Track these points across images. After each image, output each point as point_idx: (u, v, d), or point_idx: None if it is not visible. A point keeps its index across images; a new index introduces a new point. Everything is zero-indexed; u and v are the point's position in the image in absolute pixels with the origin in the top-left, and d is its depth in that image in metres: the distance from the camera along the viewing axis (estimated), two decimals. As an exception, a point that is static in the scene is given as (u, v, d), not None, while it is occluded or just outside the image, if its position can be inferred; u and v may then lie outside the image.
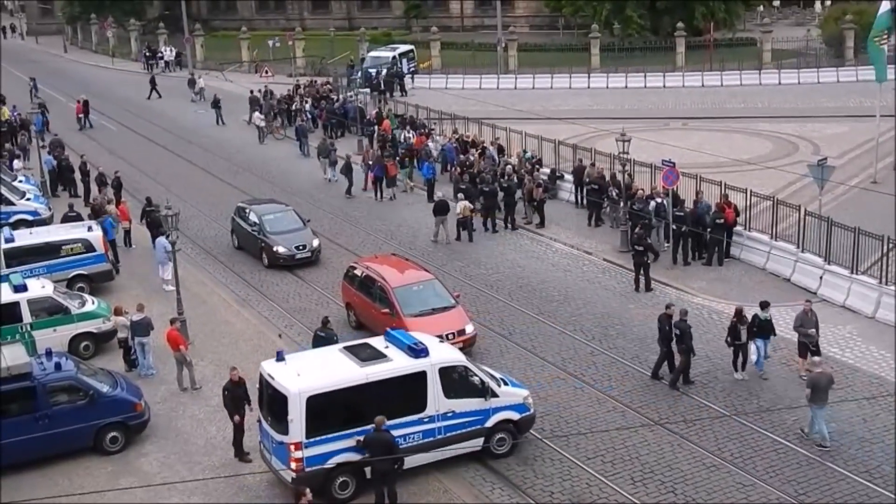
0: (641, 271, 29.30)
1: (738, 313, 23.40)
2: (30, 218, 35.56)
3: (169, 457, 21.13)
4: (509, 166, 37.77)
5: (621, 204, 33.14)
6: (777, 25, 73.75)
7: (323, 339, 23.57)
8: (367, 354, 19.91)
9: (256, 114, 52.38)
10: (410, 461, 19.34)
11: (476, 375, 20.23)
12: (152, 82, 64.93)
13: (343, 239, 34.16)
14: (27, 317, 25.05)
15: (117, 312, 25.69)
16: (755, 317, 23.32)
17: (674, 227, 30.94)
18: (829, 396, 20.67)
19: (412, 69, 66.35)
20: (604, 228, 34.84)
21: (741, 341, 23.34)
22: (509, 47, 68.32)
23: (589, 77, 63.87)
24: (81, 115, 54.98)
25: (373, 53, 66.44)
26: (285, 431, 18.70)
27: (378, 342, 20.59)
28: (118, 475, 20.47)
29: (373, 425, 18.58)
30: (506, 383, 21.01)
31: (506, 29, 70.77)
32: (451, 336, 24.80)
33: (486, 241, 34.41)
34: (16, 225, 33.43)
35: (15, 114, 52.13)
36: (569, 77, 63.38)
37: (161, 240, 29.51)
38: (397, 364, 19.59)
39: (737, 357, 23.54)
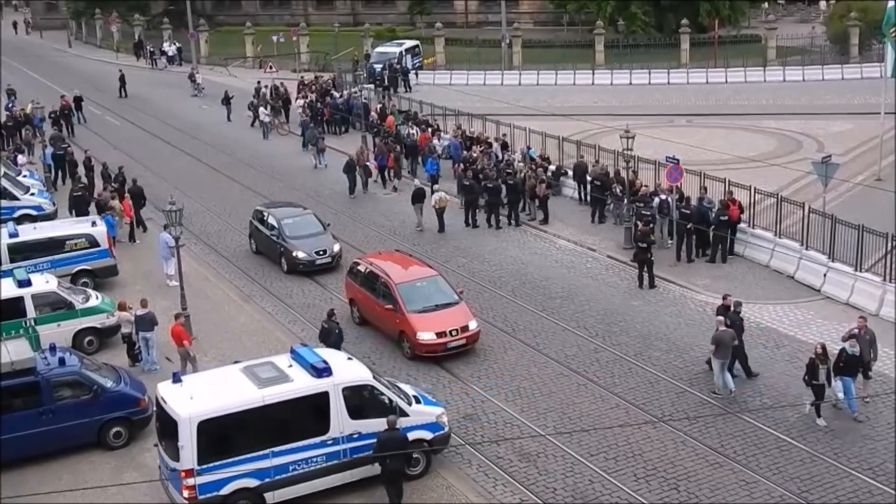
0: (645, 268, 29.29)
1: (823, 350, 21.16)
2: (34, 213, 35.60)
3: (172, 452, 21.14)
4: (514, 163, 37.82)
5: (625, 201, 33.12)
6: (782, 22, 73.50)
7: (326, 330, 23.69)
8: (267, 375, 19.05)
9: (262, 109, 52.36)
10: (314, 486, 18.82)
11: (384, 395, 19.50)
12: (122, 80, 63.76)
13: (346, 235, 34.13)
14: (31, 312, 25.08)
15: (121, 308, 25.73)
16: (842, 351, 21.31)
17: (678, 222, 30.89)
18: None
19: (417, 65, 66.33)
20: (607, 225, 34.82)
21: (819, 381, 21.09)
22: (513, 44, 68.22)
23: (593, 74, 63.77)
24: (68, 111, 53.25)
25: (379, 49, 66.39)
26: (177, 458, 18.01)
27: (282, 361, 19.76)
28: (122, 470, 20.52)
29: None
30: (419, 401, 20.32)
31: (510, 25, 70.67)
32: (454, 332, 24.82)
33: (490, 237, 34.42)
34: (20, 220, 33.45)
35: (13, 108, 52.20)
36: (573, 74, 63.28)
37: (163, 235, 29.54)
38: (297, 385, 18.82)
39: (818, 399, 21.18)
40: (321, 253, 31.43)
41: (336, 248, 31.86)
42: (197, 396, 18.45)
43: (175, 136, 52.17)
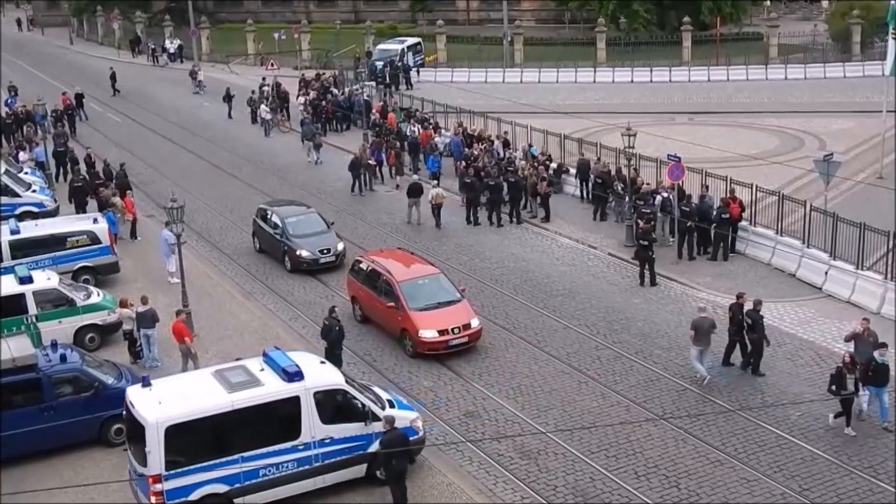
0: (646, 266, 29.29)
1: (851, 360, 20.86)
2: (35, 210, 35.61)
3: (173, 449, 21.15)
4: (515, 161, 37.82)
5: (626, 198, 33.11)
6: (784, 20, 73.43)
7: (327, 326, 23.70)
8: (238, 379, 18.81)
9: (263, 106, 52.36)
10: (284, 492, 18.61)
11: (356, 399, 19.24)
12: (112, 77, 63.45)
13: (347, 232, 34.10)
14: (32, 308, 25.10)
15: (122, 304, 25.73)
16: (870, 360, 20.86)
17: (679, 221, 30.87)
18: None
19: (419, 62, 66.31)
20: (609, 223, 34.80)
21: (847, 391, 20.59)
22: (515, 41, 68.20)
23: (595, 71, 63.71)
24: (70, 109, 53.04)
25: (381, 46, 66.38)
26: (144, 462, 17.81)
27: (254, 364, 19.49)
28: (123, 467, 20.41)
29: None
30: (393, 405, 20.03)
31: (512, 23, 70.63)
32: (456, 330, 24.79)
33: (491, 235, 34.42)
34: (21, 217, 33.47)
35: (14, 104, 52.21)
36: (574, 71, 63.25)
37: (164, 232, 29.55)
38: (268, 389, 18.56)
39: (848, 412, 20.77)
40: (325, 252, 31.31)
41: (340, 246, 31.74)
42: (165, 401, 18.25)
43: (177, 133, 52.18)
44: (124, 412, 18.85)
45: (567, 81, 62.34)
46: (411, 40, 68.28)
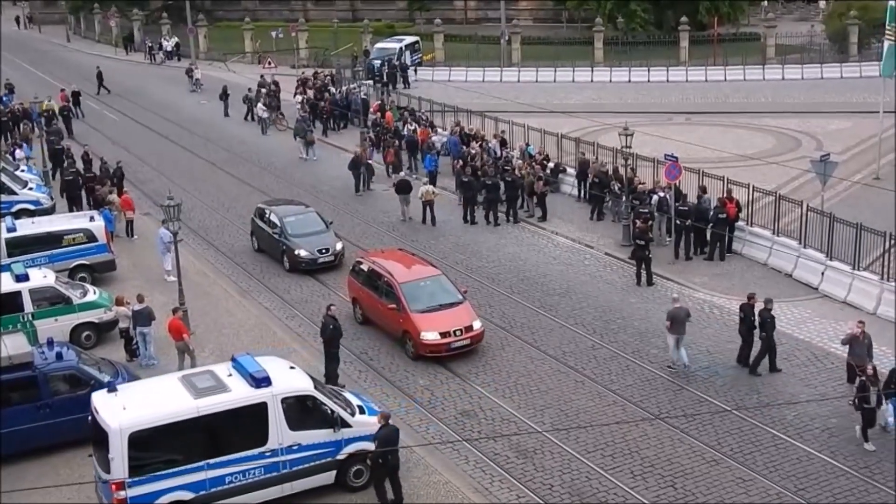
0: (643, 265, 29.30)
1: (873, 372, 20.34)
2: (32, 207, 35.58)
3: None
4: (512, 160, 37.82)
5: (623, 198, 33.12)
6: (781, 20, 73.43)
7: (324, 324, 23.71)
8: (204, 385, 18.58)
9: (260, 105, 52.31)
10: (251, 499, 18.41)
11: (325, 405, 18.98)
12: (99, 77, 62.91)
13: (344, 231, 34.07)
14: (29, 306, 25.08)
15: (119, 302, 25.71)
16: (893, 373, 20.40)
17: (676, 221, 30.89)
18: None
19: (417, 61, 66.29)
20: (606, 222, 34.82)
21: (870, 405, 20.04)
22: (513, 40, 68.19)
23: (592, 71, 63.70)
24: (66, 109, 52.69)
25: (379, 45, 66.33)
26: (108, 469, 17.61)
27: (222, 370, 19.29)
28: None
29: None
30: (363, 411, 19.78)
31: (509, 22, 70.67)
32: (458, 332, 24.66)
33: (488, 234, 34.43)
34: (18, 214, 33.43)
35: (10, 102, 52.16)
36: (572, 71, 63.24)
37: (161, 230, 29.54)
38: (235, 395, 18.34)
39: (868, 424, 20.21)
40: (324, 251, 31.18)
41: (338, 246, 31.62)
42: (130, 407, 18.04)
43: (174, 131, 52.14)
44: (90, 417, 18.56)
45: (564, 81, 62.34)
46: (409, 39, 68.24)
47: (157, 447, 17.92)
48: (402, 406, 22.77)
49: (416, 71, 64.27)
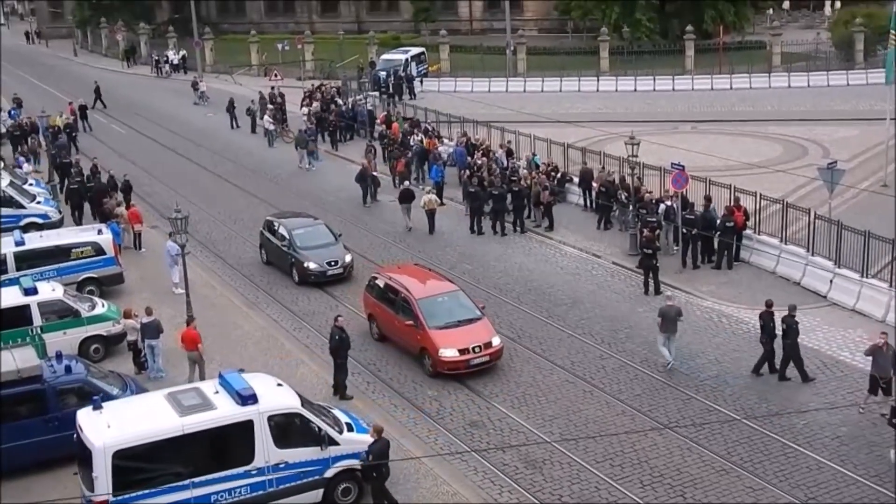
0: (651, 275, 29.26)
1: None
2: (40, 221, 35.68)
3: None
4: (519, 170, 37.83)
5: (630, 207, 33.09)
6: (787, 28, 73.58)
7: (330, 335, 23.77)
8: (190, 402, 18.44)
9: (266, 117, 52.42)
10: None
11: (312, 423, 18.78)
12: (97, 92, 62.61)
13: (351, 242, 34.06)
14: (37, 320, 25.13)
15: (127, 315, 25.75)
16: None
17: (683, 230, 30.85)
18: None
19: (423, 71, 66.41)
20: (613, 232, 34.78)
21: None
22: (518, 50, 68.30)
23: (598, 80, 63.78)
24: (69, 127, 52.17)
25: (385, 56, 66.46)
26: (92, 488, 17.43)
27: (209, 387, 19.20)
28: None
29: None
30: (351, 428, 19.62)
31: (515, 32, 70.72)
32: (477, 349, 24.27)
33: (495, 244, 34.42)
34: (26, 228, 33.51)
35: (18, 116, 52.32)
36: (578, 80, 63.34)
37: (169, 243, 29.57)
38: (221, 413, 18.18)
39: None
40: (333, 264, 31.00)
41: (348, 258, 31.45)
42: (114, 424, 17.91)
43: (180, 144, 52.28)
44: (75, 435, 18.42)
45: (570, 90, 62.43)
46: (415, 50, 68.39)
47: (142, 465, 17.75)
48: (410, 417, 22.76)
49: (421, 82, 64.40)
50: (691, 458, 20.43)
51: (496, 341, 24.72)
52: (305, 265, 30.89)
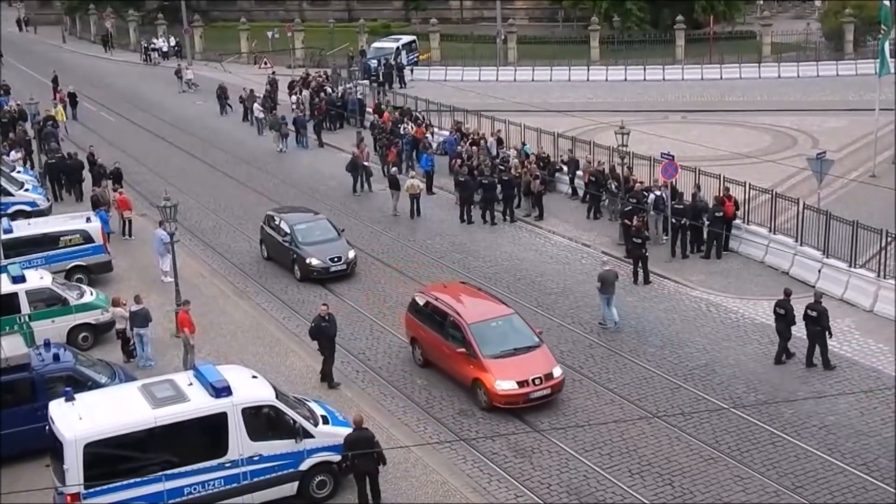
0: (640, 264, 29.31)
1: None
2: (28, 209, 35.53)
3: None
4: (509, 159, 37.82)
5: (620, 197, 33.12)
6: (777, 19, 73.61)
7: (314, 326, 23.70)
8: (163, 395, 18.24)
9: (256, 105, 52.23)
10: None
11: (287, 415, 18.55)
12: (54, 81, 60.55)
13: (345, 233, 34.06)
14: (25, 308, 25.04)
15: (115, 303, 25.68)
16: None
17: (673, 220, 30.91)
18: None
19: (413, 60, 66.28)
20: (602, 221, 34.82)
21: None
22: (508, 39, 68.23)
23: (588, 70, 63.74)
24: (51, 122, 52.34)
25: (376, 44, 66.28)
26: (63, 480, 17.22)
27: (183, 379, 18.98)
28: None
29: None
30: (327, 421, 19.39)
31: (505, 21, 70.62)
32: (537, 381, 21.96)
33: (485, 233, 34.42)
34: (14, 216, 33.38)
35: (6, 103, 52.06)
36: (568, 70, 63.28)
37: (158, 231, 29.50)
38: (194, 405, 18.00)
39: None
40: (336, 259, 30.23)
41: (351, 254, 30.65)
42: (86, 416, 17.71)
43: (169, 132, 52.08)
44: (47, 427, 18.25)
45: (560, 80, 62.37)
46: (406, 38, 68.22)
47: (114, 458, 17.56)
48: (399, 406, 22.77)
49: (412, 70, 64.25)
50: (679, 447, 20.50)
51: (557, 372, 22.37)
52: (308, 261, 30.15)
